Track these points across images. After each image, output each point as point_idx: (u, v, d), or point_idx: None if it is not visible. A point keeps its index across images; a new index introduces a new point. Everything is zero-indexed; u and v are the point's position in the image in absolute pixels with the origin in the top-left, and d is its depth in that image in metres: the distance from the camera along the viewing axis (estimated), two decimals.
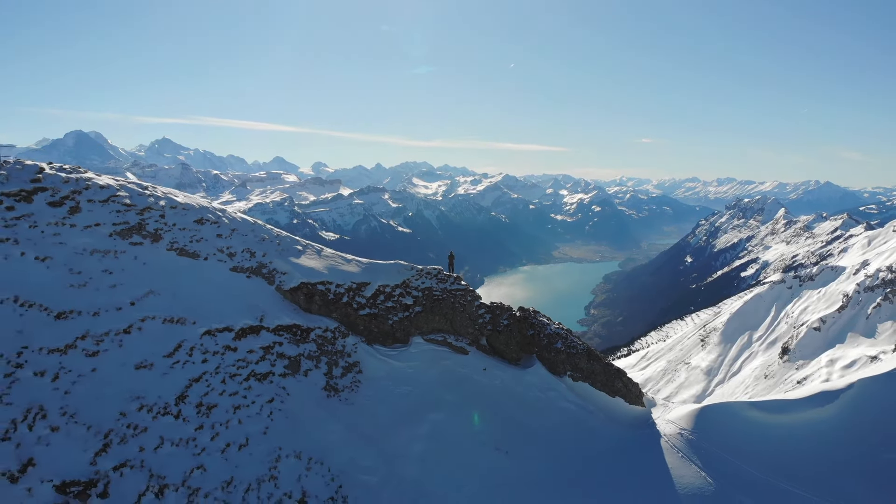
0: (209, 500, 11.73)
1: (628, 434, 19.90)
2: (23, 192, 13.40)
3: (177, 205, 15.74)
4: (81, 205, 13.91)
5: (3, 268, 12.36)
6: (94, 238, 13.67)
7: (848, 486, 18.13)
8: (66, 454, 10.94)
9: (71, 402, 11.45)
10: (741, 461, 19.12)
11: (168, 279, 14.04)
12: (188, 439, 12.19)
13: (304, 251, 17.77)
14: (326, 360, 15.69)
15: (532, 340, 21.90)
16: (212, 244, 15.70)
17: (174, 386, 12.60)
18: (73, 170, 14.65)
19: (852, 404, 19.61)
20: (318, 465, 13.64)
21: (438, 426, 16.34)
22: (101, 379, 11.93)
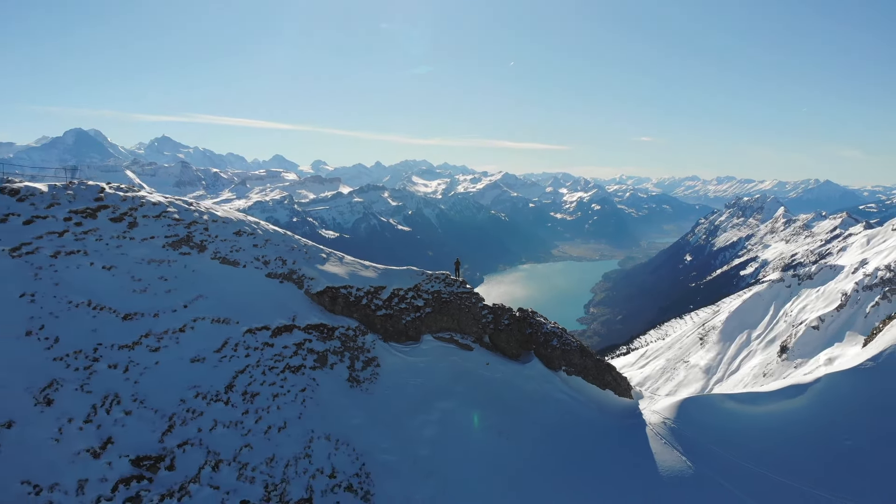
0: (256, 474, 13.92)
1: (617, 423, 22.11)
2: (88, 210, 15.54)
3: (217, 218, 17.89)
4: (138, 220, 16.05)
5: (76, 276, 14.51)
6: (150, 249, 15.82)
7: (813, 468, 20.32)
8: (138, 434, 13.10)
9: (140, 390, 13.62)
10: (719, 447, 21.31)
11: (214, 284, 16.19)
12: (237, 422, 14.36)
13: (328, 259, 19.92)
14: (349, 356, 17.87)
15: (530, 338, 24.07)
16: (249, 253, 17.86)
17: (223, 377, 14.78)
18: (129, 189, 16.79)
19: (818, 397, 21.82)
20: (344, 445, 15.83)
21: (447, 414, 18.54)
22: (164, 371, 14.10)
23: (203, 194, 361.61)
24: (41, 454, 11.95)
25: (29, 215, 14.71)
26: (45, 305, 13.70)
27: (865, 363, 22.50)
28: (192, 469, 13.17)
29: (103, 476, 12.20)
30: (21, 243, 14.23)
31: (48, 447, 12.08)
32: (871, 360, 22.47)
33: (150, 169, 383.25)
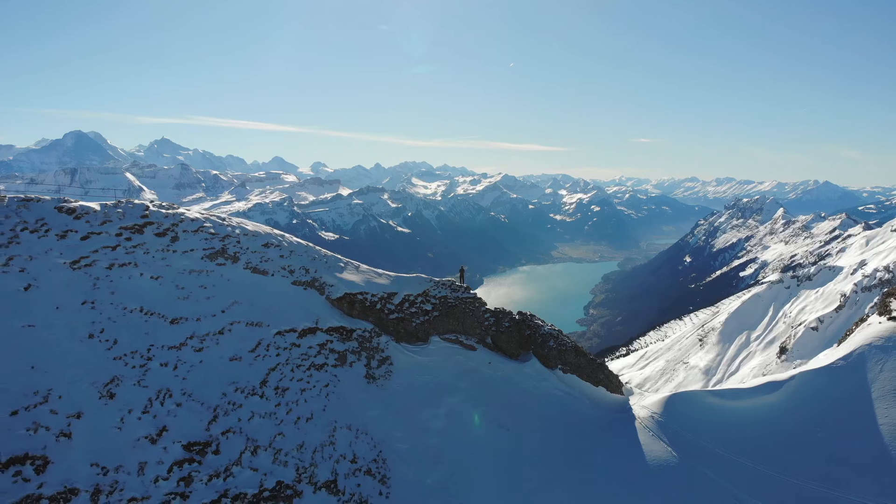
0: (288, 458, 15.96)
1: (608, 416, 24.17)
2: (136, 226, 17.61)
3: (248, 232, 19.95)
4: (179, 234, 18.10)
5: (129, 285, 16.57)
6: (191, 260, 17.87)
7: (788, 458, 22.37)
8: (188, 423, 15.15)
9: (188, 386, 15.67)
10: (701, 439, 23.35)
11: (246, 291, 18.24)
12: (270, 413, 16.42)
13: (346, 268, 21.98)
14: (366, 355, 19.91)
15: (529, 339, 26.12)
16: (276, 263, 19.90)
17: (258, 374, 16.83)
18: (170, 206, 18.85)
19: (793, 393, 23.89)
20: (363, 434, 17.88)
21: (453, 407, 20.60)
22: (207, 368, 16.15)
23: (202, 196, 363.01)
24: (107, 441, 14.01)
25: (85, 231, 16.77)
26: (104, 311, 15.76)
27: (837, 362, 24.60)
28: (234, 454, 15.22)
29: (160, 459, 14.25)
30: (80, 257, 16.30)
31: (112, 435, 14.14)
32: (842, 360, 24.55)
33: (150, 171, 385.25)
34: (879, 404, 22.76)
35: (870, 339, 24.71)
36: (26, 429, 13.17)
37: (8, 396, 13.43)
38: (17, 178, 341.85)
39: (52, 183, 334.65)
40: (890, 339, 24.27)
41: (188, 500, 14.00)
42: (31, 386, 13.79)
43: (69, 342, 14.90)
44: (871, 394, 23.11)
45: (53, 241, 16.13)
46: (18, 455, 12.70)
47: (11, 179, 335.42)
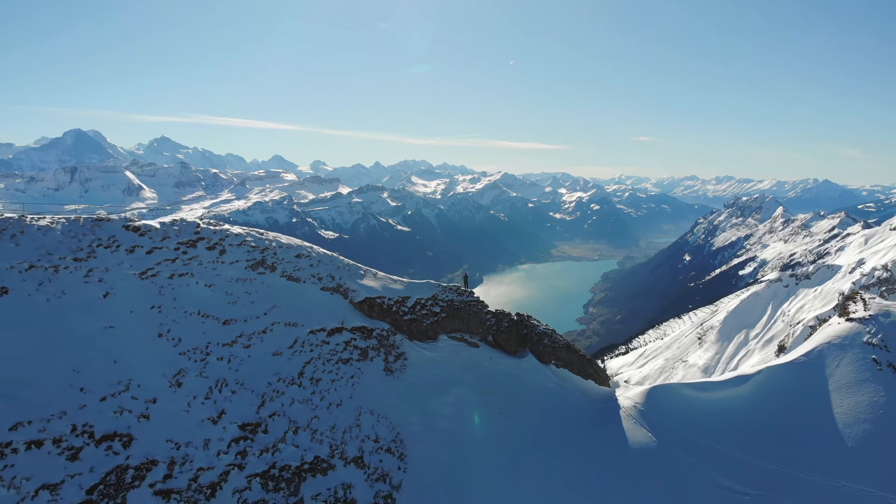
0: (323, 437, 19.13)
1: (596, 406, 27.37)
2: (190, 241, 20.74)
3: (282, 244, 23.07)
4: (226, 248, 21.22)
5: (187, 292, 19.72)
6: (237, 270, 21.00)
7: (755, 443, 25.58)
8: (241, 407, 18.32)
9: (240, 376, 18.83)
10: (678, 426, 26.53)
11: (283, 296, 21.37)
12: (307, 399, 19.58)
13: (365, 275, 25.10)
14: (384, 351, 23.04)
15: (526, 337, 29.25)
16: (307, 272, 23.00)
17: (296, 366, 20.00)
18: (217, 224, 21.97)
19: (759, 385, 27.11)
20: (383, 419, 21.06)
21: (460, 397, 23.77)
22: (255, 362, 19.31)
23: (202, 195, 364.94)
24: (177, 421, 17.19)
25: (149, 247, 19.90)
26: (169, 315, 18.91)
27: (799, 358, 27.80)
28: (279, 433, 18.41)
29: (220, 437, 17.44)
30: (147, 268, 19.44)
31: (182, 416, 17.33)
32: (804, 356, 27.75)
33: (150, 170, 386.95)
34: (835, 396, 26.01)
35: (829, 338, 27.93)
36: (113, 412, 16.38)
37: (97, 385, 16.62)
38: (17, 177, 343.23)
39: (51, 181, 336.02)
40: (847, 338, 27.47)
41: (244, 470, 17.19)
42: (115, 377, 16.97)
43: (143, 340, 18.05)
44: (829, 386, 26.34)
45: (124, 255, 19.27)
46: (108, 433, 15.91)
47: (11, 178, 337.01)
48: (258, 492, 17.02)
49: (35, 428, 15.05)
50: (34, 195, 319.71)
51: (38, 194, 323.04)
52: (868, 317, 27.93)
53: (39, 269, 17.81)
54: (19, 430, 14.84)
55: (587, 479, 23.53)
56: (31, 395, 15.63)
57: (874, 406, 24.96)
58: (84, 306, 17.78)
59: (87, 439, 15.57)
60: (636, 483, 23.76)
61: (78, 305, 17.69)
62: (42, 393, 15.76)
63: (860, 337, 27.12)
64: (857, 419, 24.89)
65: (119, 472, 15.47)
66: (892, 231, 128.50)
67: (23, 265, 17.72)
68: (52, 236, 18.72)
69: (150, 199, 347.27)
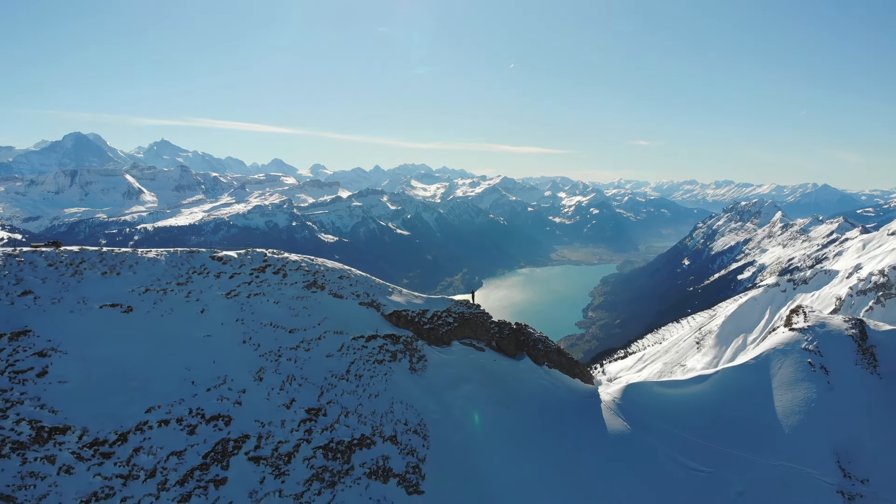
0: (366, 420, 25.15)
1: (582, 400, 33.42)
2: (260, 267, 26.82)
3: (328, 268, 29.11)
4: (287, 272, 27.28)
5: (261, 308, 25.76)
6: (296, 290, 27.06)
7: (711, 430, 31.69)
8: (306, 397, 24.34)
9: (304, 373, 24.85)
10: (648, 416, 32.60)
11: (332, 310, 27.40)
12: (353, 391, 25.61)
13: (393, 292, 31.14)
14: (409, 353, 29.04)
15: (523, 343, 35.24)
16: (348, 290, 29.02)
17: (343, 365, 26.05)
18: (279, 252, 28.02)
19: (716, 384, 33.23)
20: (410, 407, 27.10)
21: (470, 391, 29.80)
22: (314, 362, 25.35)
23: (202, 199, 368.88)
24: (261, 406, 23.22)
25: (231, 273, 25.98)
26: (250, 326, 24.97)
27: (750, 361, 33.95)
28: (334, 416, 24.44)
29: (292, 418, 23.47)
30: (230, 290, 25.51)
31: (264, 403, 23.36)
32: (753, 360, 33.92)
33: (150, 173, 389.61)
34: (777, 392, 32.20)
35: (775, 344, 34.10)
36: (216, 399, 22.44)
37: (203, 379, 22.68)
38: (18, 180, 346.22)
39: (52, 184, 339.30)
40: (789, 344, 33.65)
41: (311, 444, 23.23)
42: (215, 373, 23.02)
43: (232, 346, 24.11)
44: (772, 384, 32.54)
45: (213, 280, 25.34)
46: (214, 414, 21.96)
47: (11, 181, 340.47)
48: (321, 460, 23.08)
49: (163, 411, 21.12)
50: (34, 198, 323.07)
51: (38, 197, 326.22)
52: (807, 327, 34.14)
53: (153, 292, 23.87)
54: (153, 412, 20.91)
55: (573, 458, 29.59)
56: (158, 386, 21.70)
57: (807, 400, 31.16)
58: (188, 320, 23.84)
59: (199, 419, 21.61)
60: (614, 462, 29.84)
61: (183, 319, 23.76)
62: (165, 385, 21.83)
63: (799, 344, 33.31)
64: (793, 411, 31.08)
65: (223, 443, 21.53)
66: (890, 236, 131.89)
67: (140, 289, 23.79)
68: (159, 266, 24.80)
69: (150, 202, 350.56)
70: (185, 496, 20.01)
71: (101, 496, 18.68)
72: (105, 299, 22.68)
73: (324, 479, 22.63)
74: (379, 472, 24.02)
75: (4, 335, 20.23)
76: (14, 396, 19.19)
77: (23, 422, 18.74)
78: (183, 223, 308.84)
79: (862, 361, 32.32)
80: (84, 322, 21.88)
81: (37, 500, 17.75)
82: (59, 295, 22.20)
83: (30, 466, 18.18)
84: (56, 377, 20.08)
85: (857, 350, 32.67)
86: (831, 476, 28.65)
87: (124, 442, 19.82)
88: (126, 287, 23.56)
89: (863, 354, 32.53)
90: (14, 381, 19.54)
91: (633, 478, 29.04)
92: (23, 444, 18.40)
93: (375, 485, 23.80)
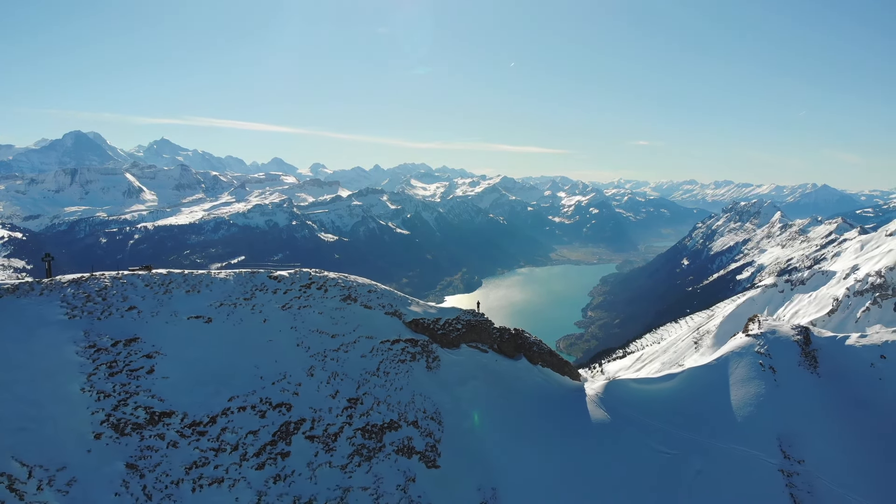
0: (393, 408, 31.77)
1: (570, 394, 40.11)
2: (307, 284, 33.42)
3: (360, 283, 35.71)
4: (328, 288, 33.86)
5: (309, 317, 32.35)
6: (334, 302, 33.65)
7: (675, 419, 38.29)
8: (347, 389, 30.98)
9: (344, 370, 31.47)
10: (625, 408, 39.25)
11: (363, 318, 34.00)
12: (382, 385, 32.24)
13: (412, 304, 37.71)
14: (425, 354, 35.65)
15: (521, 345, 41.87)
16: (376, 301, 35.62)
17: (374, 364, 32.69)
18: (319, 271, 34.58)
19: (682, 381, 39.90)
20: (428, 399, 33.74)
21: (476, 386, 36.46)
22: (351, 361, 31.96)
23: (202, 197, 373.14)
24: (313, 396, 29.82)
25: (284, 289, 32.59)
26: (301, 332, 31.55)
27: (712, 362, 40.63)
28: (369, 405, 31.06)
29: (337, 406, 30.11)
30: (285, 303, 32.12)
31: (315, 393, 29.96)
32: (714, 361, 40.60)
33: (150, 172, 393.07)
34: (733, 388, 38.83)
35: (733, 348, 40.78)
36: (280, 390, 29.04)
37: (269, 375, 29.27)
38: (18, 178, 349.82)
39: (52, 183, 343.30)
40: (744, 348, 40.31)
41: (352, 426, 29.83)
42: (277, 370, 29.60)
43: (289, 348, 30.69)
44: (729, 382, 39.17)
45: (271, 295, 31.94)
46: (278, 403, 28.54)
47: (12, 179, 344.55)
48: (360, 439, 29.71)
49: (241, 400, 27.67)
50: (34, 197, 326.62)
51: (38, 196, 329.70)
52: (760, 333, 40.83)
53: (226, 306, 30.46)
54: (233, 401, 27.45)
55: (562, 442, 36.27)
56: (236, 380, 28.27)
57: (757, 395, 37.80)
58: (254, 328, 30.44)
59: (268, 406, 28.19)
60: (596, 445, 36.50)
61: (250, 327, 30.36)
62: (241, 379, 28.40)
63: (753, 347, 39.98)
64: (745, 403, 37.72)
65: (286, 425, 28.10)
66: (888, 237, 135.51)
67: (216, 303, 30.38)
68: (228, 285, 31.40)
69: (150, 201, 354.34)
70: (259, 465, 26.59)
71: (200, 464, 25.21)
72: (191, 312, 29.26)
73: (362, 453, 29.26)
74: (404, 449, 30.67)
75: (120, 342, 26.80)
76: (131, 389, 25.75)
77: (139, 408, 25.29)
78: (183, 222, 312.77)
79: (804, 363, 38.98)
80: (177, 330, 28.45)
81: (153, 467, 24.30)
82: (156, 309, 28.77)
83: (146, 442, 24.71)
84: (160, 374, 26.63)
85: (801, 353, 39.34)
86: (774, 457, 35.19)
87: (214, 423, 26.34)
88: (205, 302, 30.15)
89: (805, 357, 39.19)
90: (130, 377, 26.11)
91: (612, 458, 35.71)
92: (140, 425, 24.94)
93: (402, 459, 30.45)
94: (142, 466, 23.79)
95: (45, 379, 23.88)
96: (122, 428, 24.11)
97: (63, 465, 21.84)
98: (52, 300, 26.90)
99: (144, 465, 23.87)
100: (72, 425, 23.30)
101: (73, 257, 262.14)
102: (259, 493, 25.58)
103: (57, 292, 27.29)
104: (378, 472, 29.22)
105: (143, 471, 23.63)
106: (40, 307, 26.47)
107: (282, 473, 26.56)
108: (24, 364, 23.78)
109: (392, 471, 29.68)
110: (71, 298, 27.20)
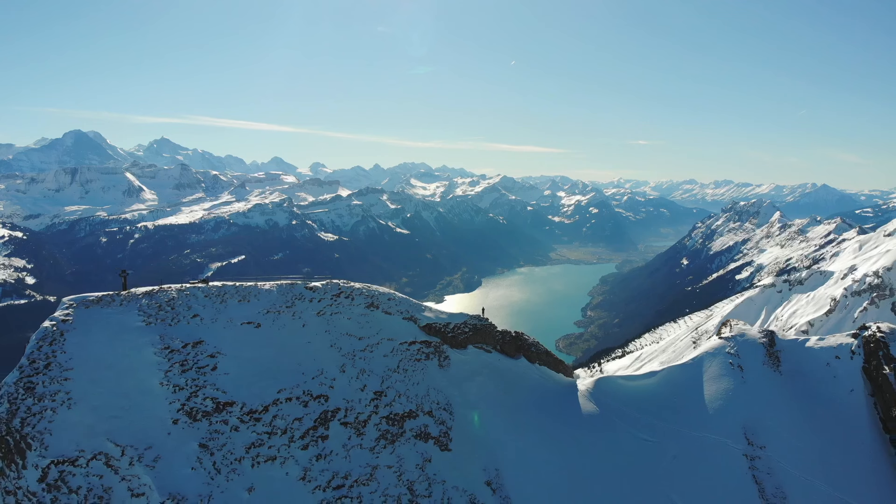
0: (412, 400, 37.74)
1: (564, 389, 46.13)
2: (337, 294, 39.35)
3: (381, 293, 41.64)
4: (354, 297, 39.79)
5: (340, 323, 38.27)
6: (360, 309, 39.59)
7: (656, 411, 44.25)
8: (373, 383, 36.96)
9: (371, 367, 37.44)
10: (613, 401, 45.21)
11: (384, 323, 39.97)
12: (402, 380, 38.23)
13: (425, 310, 43.61)
14: (437, 354, 41.61)
15: (521, 347, 47.88)
16: (395, 308, 41.56)
17: (395, 362, 38.68)
18: (347, 283, 40.48)
19: (662, 378, 45.90)
20: (440, 392, 39.73)
21: (481, 383, 42.45)
22: (376, 359, 37.93)
23: (202, 197, 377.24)
24: (345, 389, 35.83)
25: (318, 298, 38.51)
26: (333, 335, 37.49)
27: (688, 361, 46.64)
28: (391, 397, 37.01)
29: (366, 397, 36.11)
30: (320, 310, 38.06)
31: (347, 387, 35.96)
32: (691, 360, 46.63)
33: (150, 171, 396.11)
34: (706, 385, 44.82)
35: (707, 349, 46.80)
36: (318, 384, 34.98)
37: (309, 371, 35.21)
38: (18, 177, 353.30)
39: (52, 182, 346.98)
40: (717, 349, 46.34)
41: (378, 415, 35.79)
42: (316, 367, 35.55)
43: (323, 349, 36.61)
44: (703, 379, 45.17)
45: (308, 303, 37.86)
46: (317, 395, 34.49)
47: (12, 178, 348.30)
48: (385, 425, 35.67)
49: (287, 392, 33.60)
50: (35, 196, 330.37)
51: (38, 195, 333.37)
52: (731, 336, 46.85)
53: (272, 313, 36.38)
54: (282, 393, 33.37)
55: (557, 431, 42.25)
56: (283, 376, 34.20)
57: (726, 390, 43.81)
58: (295, 332, 36.36)
59: (309, 397, 34.12)
60: (586, 434, 42.46)
61: (292, 331, 36.29)
62: (287, 375, 34.33)
63: (724, 349, 46.00)
64: (716, 397, 43.72)
65: (325, 413, 34.05)
66: (886, 237, 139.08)
67: (263, 311, 36.30)
68: (272, 295, 37.32)
69: (150, 200, 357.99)
70: (304, 446, 32.52)
71: (257, 445, 31.11)
72: (243, 318, 35.19)
73: (387, 438, 35.22)
74: (422, 435, 36.64)
75: (189, 344, 32.67)
76: (200, 383, 31.61)
77: (207, 399, 31.16)
78: (183, 221, 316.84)
79: (769, 362, 44.99)
80: (233, 334, 34.36)
81: (220, 447, 30.18)
82: (215, 316, 34.67)
83: (214, 426, 30.58)
84: (222, 371, 32.52)
85: (766, 354, 45.35)
86: (739, 444, 41.10)
87: (266, 412, 32.26)
88: (255, 310, 36.07)
89: (770, 357, 45.21)
90: (199, 373, 31.98)
91: (600, 445, 41.71)
92: (208, 413, 30.80)
93: (420, 443, 36.42)
94: (211, 446, 29.61)
95: (130, 375, 29.71)
96: (194, 415, 29.97)
97: (149, 444, 27.70)
98: (130, 309, 32.76)
99: (213, 445, 29.69)
100: (154, 413, 29.18)
101: (74, 257, 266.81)
102: (305, 469, 31.55)
103: (134, 303, 33.15)
104: (400, 453, 35.19)
105: (213, 449, 29.50)
106: (122, 315, 32.32)
107: (322, 453, 32.53)
108: (113, 363, 29.62)
109: (412, 452, 35.64)
110: (146, 308, 33.07)
